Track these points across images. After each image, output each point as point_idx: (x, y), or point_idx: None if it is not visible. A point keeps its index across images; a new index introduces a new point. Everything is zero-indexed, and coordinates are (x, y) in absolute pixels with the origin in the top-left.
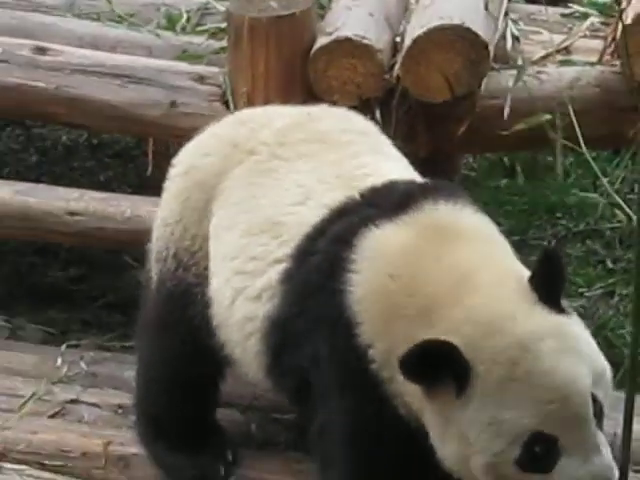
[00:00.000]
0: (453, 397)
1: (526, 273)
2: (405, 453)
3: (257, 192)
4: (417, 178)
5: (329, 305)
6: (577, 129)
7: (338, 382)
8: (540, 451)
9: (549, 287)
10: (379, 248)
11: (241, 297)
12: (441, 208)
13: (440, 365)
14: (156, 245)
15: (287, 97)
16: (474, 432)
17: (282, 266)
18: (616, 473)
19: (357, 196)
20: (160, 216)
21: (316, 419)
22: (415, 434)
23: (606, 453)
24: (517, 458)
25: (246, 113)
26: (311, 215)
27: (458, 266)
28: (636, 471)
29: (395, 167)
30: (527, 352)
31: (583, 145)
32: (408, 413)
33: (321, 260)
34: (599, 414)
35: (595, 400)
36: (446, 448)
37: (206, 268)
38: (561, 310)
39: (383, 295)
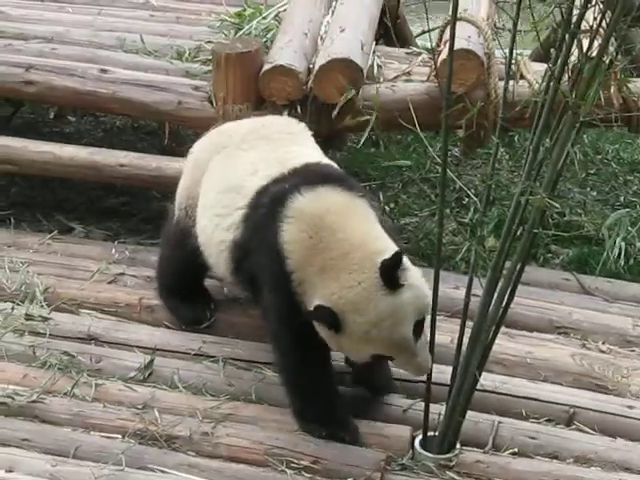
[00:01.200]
0: (333, 332)
1: (384, 241)
2: (307, 332)
3: (227, 169)
4: (326, 160)
5: (270, 238)
6: (415, 119)
7: (272, 284)
8: (380, 359)
9: (391, 276)
10: (303, 209)
11: (218, 229)
12: (345, 192)
13: (326, 320)
14: (178, 199)
15: (246, 99)
16: (343, 348)
17: (242, 211)
18: (429, 364)
19: (287, 171)
20: (181, 182)
21: (261, 300)
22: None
23: (422, 353)
24: (367, 361)
25: (226, 126)
26: (259, 181)
27: (346, 241)
28: (446, 315)
29: (311, 153)
30: (374, 327)
31: (419, 128)
32: None
33: (265, 211)
34: (421, 327)
35: (418, 323)
36: (329, 344)
37: (196, 217)
38: (399, 286)
39: (303, 246)
